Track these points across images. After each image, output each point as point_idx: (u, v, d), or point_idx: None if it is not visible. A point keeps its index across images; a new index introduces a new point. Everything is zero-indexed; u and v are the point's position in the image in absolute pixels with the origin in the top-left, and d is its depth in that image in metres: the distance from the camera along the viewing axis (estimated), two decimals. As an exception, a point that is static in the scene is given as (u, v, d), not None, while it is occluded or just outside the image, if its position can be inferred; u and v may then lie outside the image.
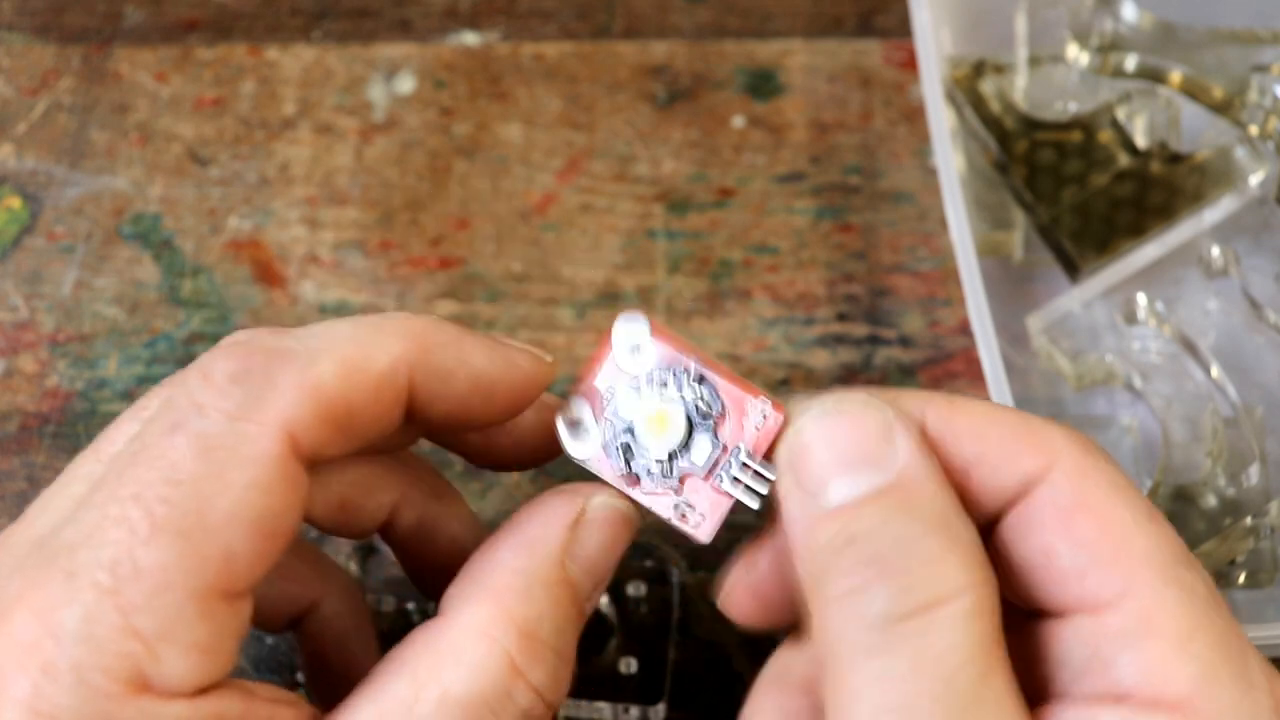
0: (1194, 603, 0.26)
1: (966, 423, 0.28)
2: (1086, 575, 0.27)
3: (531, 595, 0.28)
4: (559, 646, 0.28)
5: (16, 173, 0.49)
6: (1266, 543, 0.39)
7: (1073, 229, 0.44)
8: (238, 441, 0.26)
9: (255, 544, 0.26)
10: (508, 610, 0.28)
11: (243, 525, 0.25)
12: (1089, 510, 0.27)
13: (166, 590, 0.25)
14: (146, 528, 0.25)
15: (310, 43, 0.52)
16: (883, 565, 0.25)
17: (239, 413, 0.26)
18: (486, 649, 0.27)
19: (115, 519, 0.25)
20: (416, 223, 0.48)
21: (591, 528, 0.30)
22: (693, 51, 0.51)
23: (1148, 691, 0.26)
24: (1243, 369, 0.43)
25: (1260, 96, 0.44)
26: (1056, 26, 0.47)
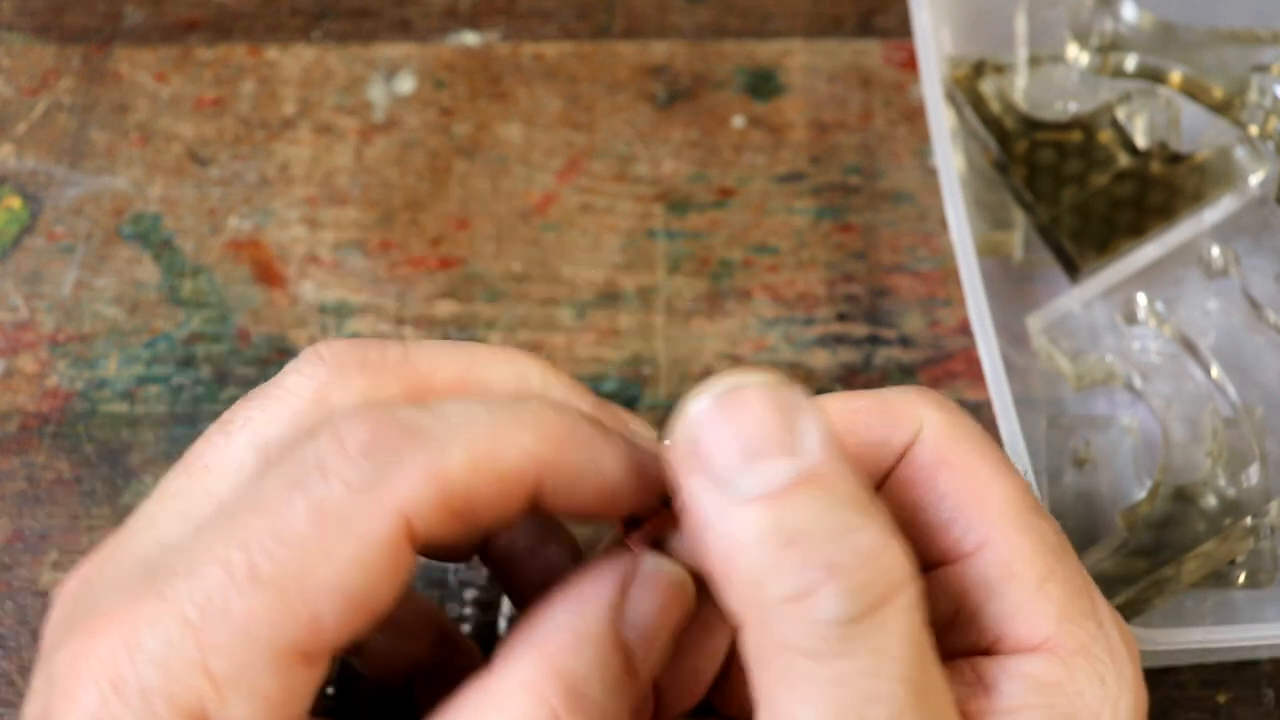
0: (1045, 549, 0.28)
1: (836, 420, 0.29)
2: (950, 526, 0.28)
3: (579, 652, 0.27)
4: (608, 708, 0.27)
5: (16, 173, 0.49)
6: (1266, 543, 0.39)
7: (1073, 229, 0.44)
8: (354, 515, 0.25)
9: (346, 615, 0.26)
10: (554, 665, 0.27)
11: (338, 596, 0.25)
12: (950, 465, 0.29)
13: (248, 639, 0.25)
14: (245, 576, 0.25)
15: (310, 43, 0.52)
16: (831, 565, 0.24)
17: (362, 486, 0.26)
18: (531, 703, 0.26)
19: (219, 560, 0.25)
20: (416, 223, 0.48)
21: (643, 589, 0.28)
22: (693, 51, 0.51)
23: (1013, 636, 0.28)
24: (1243, 369, 0.43)
25: (1260, 96, 0.44)
26: (1056, 26, 0.47)
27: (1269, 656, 0.40)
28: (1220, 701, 0.40)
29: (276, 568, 0.25)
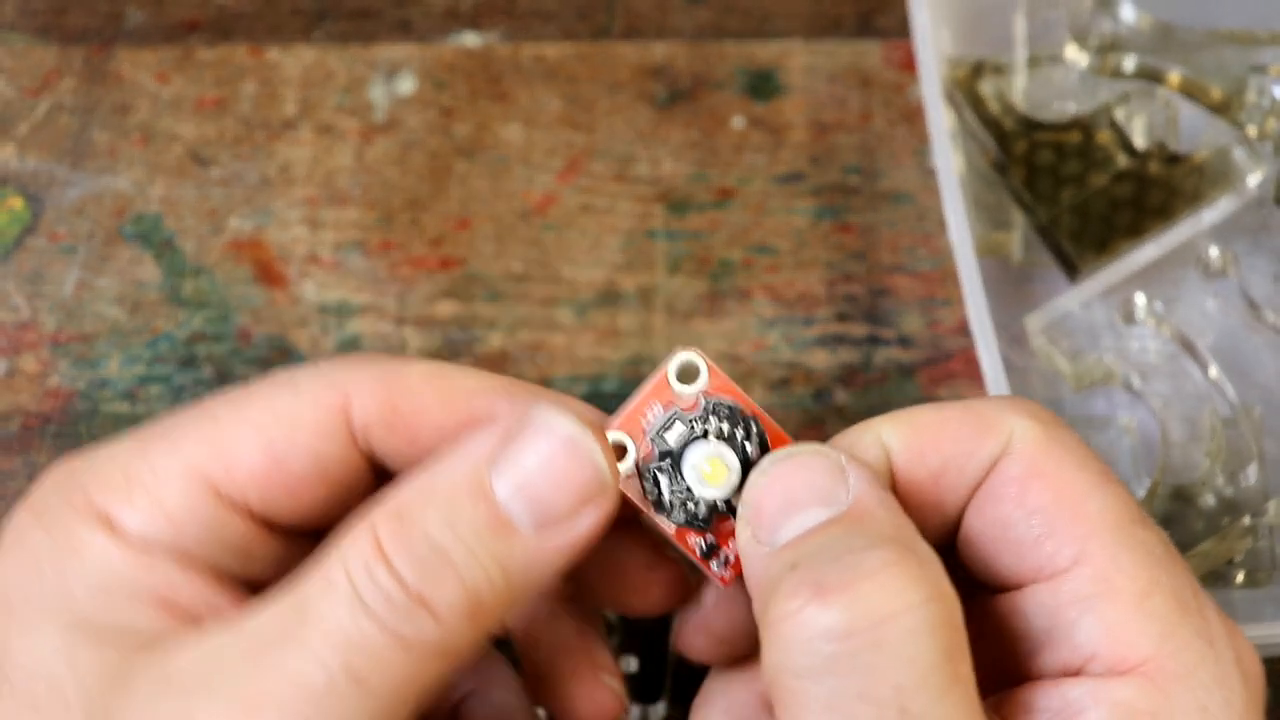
0: (1150, 561, 0.26)
1: (923, 433, 0.28)
2: (1043, 542, 0.27)
3: (422, 491, 0.27)
4: (450, 548, 0.26)
5: (18, 173, 0.49)
6: (1265, 542, 0.39)
7: (1072, 229, 0.44)
8: (302, 379, 0.29)
9: (262, 464, 0.28)
10: (393, 499, 0.27)
11: (261, 441, 0.28)
12: (1042, 478, 0.27)
13: (171, 450, 0.28)
14: (195, 408, 0.29)
15: (311, 43, 0.52)
16: (822, 584, 0.24)
17: (320, 366, 0.30)
18: (359, 531, 0.26)
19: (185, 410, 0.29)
20: (417, 223, 0.48)
21: (523, 438, 0.27)
22: (693, 52, 0.51)
23: (1108, 656, 0.26)
24: (1241, 369, 0.43)
25: (1258, 97, 0.44)
26: (1056, 27, 0.47)
27: (1268, 656, 0.40)
28: (1218, 700, 0.40)
29: (222, 401, 0.29)
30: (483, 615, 0.27)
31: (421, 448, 0.29)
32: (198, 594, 0.28)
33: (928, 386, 0.44)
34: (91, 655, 0.26)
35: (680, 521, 0.29)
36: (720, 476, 0.29)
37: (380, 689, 0.25)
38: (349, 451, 0.29)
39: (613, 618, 0.40)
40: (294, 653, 0.25)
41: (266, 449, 0.28)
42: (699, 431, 0.29)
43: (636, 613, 0.32)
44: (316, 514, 0.29)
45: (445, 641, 0.26)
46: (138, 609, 0.27)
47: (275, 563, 0.30)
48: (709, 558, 0.30)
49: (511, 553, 0.27)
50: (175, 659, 0.26)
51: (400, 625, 0.26)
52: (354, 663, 0.25)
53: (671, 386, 0.29)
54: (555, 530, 0.27)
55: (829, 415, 0.44)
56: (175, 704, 0.25)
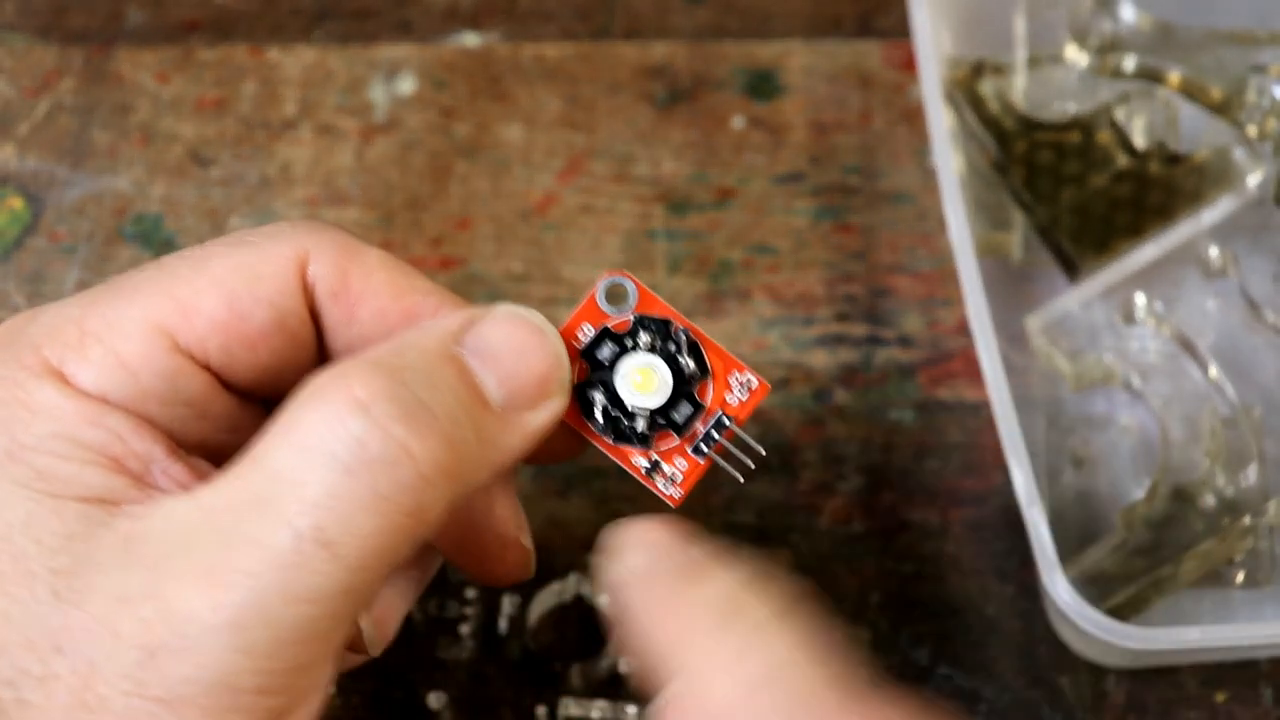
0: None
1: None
2: None
3: (399, 352, 0.27)
4: (433, 403, 0.26)
5: (18, 173, 0.49)
6: (1265, 542, 0.39)
7: (1071, 229, 0.44)
8: (260, 238, 0.29)
9: (219, 316, 0.28)
10: (368, 357, 0.27)
11: (219, 291, 0.28)
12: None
13: (124, 302, 0.28)
14: (152, 264, 0.29)
15: (311, 43, 0.52)
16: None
17: (278, 225, 0.30)
18: (336, 385, 0.26)
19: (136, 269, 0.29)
20: (417, 223, 0.48)
21: (490, 323, 0.28)
22: (693, 52, 0.51)
23: None
24: (1241, 369, 0.43)
25: (1258, 97, 0.44)
26: (1055, 27, 0.47)
27: (1267, 656, 0.40)
28: (1219, 701, 0.40)
29: (178, 258, 0.29)
30: (458, 479, 0.26)
31: (358, 328, 0.29)
32: (150, 454, 0.27)
33: (928, 386, 0.44)
34: (50, 518, 0.26)
35: (619, 438, 0.30)
36: (651, 384, 0.29)
37: (350, 556, 0.25)
38: (304, 308, 0.29)
39: (613, 618, 0.40)
40: (261, 519, 0.25)
41: (227, 301, 0.28)
42: (629, 346, 0.30)
43: (480, 580, 0.33)
44: (272, 374, 0.29)
45: (421, 499, 0.26)
46: (90, 466, 0.27)
47: (230, 426, 0.29)
48: (653, 475, 0.30)
49: (485, 423, 0.27)
50: (137, 526, 0.26)
51: (377, 480, 0.25)
52: (324, 525, 0.25)
53: (600, 308, 0.30)
54: (520, 414, 0.28)
55: (829, 415, 0.44)
56: (141, 576, 0.25)
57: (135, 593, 0.25)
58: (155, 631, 0.25)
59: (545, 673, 0.39)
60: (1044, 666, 0.40)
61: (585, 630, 0.41)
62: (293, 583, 0.25)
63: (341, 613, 0.25)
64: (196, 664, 0.24)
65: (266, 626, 0.25)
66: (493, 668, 0.40)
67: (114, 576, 0.25)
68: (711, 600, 0.27)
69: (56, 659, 0.25)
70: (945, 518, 0.42)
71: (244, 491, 0.25)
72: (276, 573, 0.25)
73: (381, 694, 0.39)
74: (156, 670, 0.24)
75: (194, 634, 0.24)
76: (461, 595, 0.41)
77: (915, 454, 0.43)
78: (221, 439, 0.29)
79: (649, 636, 0.27)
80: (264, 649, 0.25)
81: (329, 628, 0.25)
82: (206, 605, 0.24)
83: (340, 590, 0.25)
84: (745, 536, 0.42)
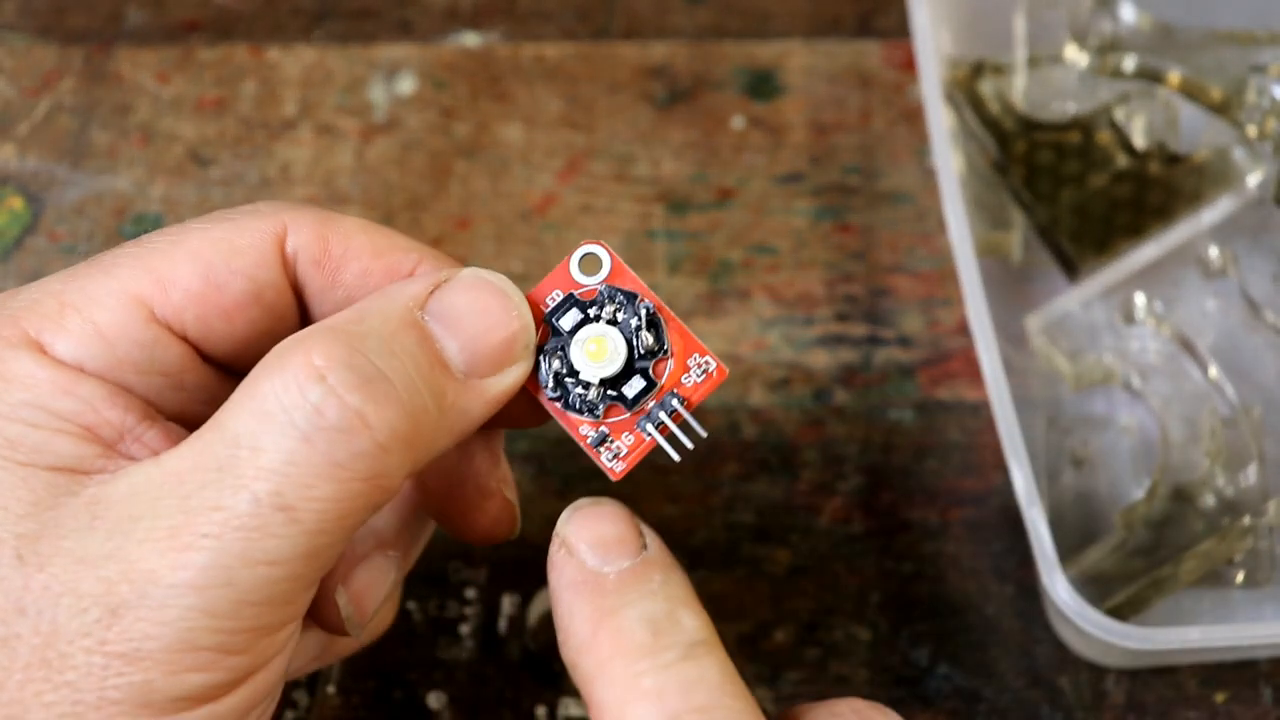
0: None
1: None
2: None
3: (357, 319, 0.27)
4: (391, 372, 0.26)
5: (18, 173, 0.49)
6: (1265, 542, 0.39)
7: (1071, 229, 0.44)
8: (241, 216, 0.30)
9: (196, 288, 0.29)
10: (327, 324, 0.27)
11: (197, 263, 0.29)
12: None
13: (104, 275, 0.28)
14: (132, 243, 0.29)
15: (311, 43, 0.52)
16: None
17: (259, 206, 0.31)
18: (295, 353, 0.26)
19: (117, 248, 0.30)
20: (417, 223, 0.48)
21: (455, 288, 0.28)
22: (693, 52, 0.51)
23: None
24: (1241, 369, 0.43)
25: (1258, 97, 0.44)
26: (1055, 27, 0.47)
27: (1267, 656, 0.40)
28: (1219, 701, 0.40)
29: (159, 234, 0.29)
30: (417, 446, 0.27)
31: (343, 291, 0.30)
32: (124, 423, 0.27)
33: (927, 386, 0.45)
34: (17, 485, 0.26)
35: (569, 406, 0.30)
36: (602, 355, 0.29)
37: (309, 520, 0.25)
38: (282, 280, 0.30)
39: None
40: (221, 484, 0.25)
41: (204, 273, 0.29)
42: (592, 315, 0.30)
43: (466, 538, 0.33)
44: (249, 345, 0.30)
45: (377, 466, 0.26)
46: (61, 435, 0.27)
47: (208, 398, 0.30)
48: (599, 448, 0.30)
49: (445, 389, 0.27)
50: (103, 492, 0.26)
51: (334, 447, 0.25)
52: (283, 490, 0.25)
53: (572, 275, 0.30)
54: (483, 380, 0.28)
55: (829, 415, 0.44)
56: (104, 538, 0.25)
57: (97, 554, 0.25)
58: (117, 591, 0.25)
59: (545, 673, 0.39)
60: (1044, 666, 0.40)
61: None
62: (252, 546, 0.25)
63: (302, 574, 0.26)
64: (158, 621, 0.25)
65: (227, 587, 0.25)
66: (493, 668, 0.40)
67: (77, 539, 0.26)
68: (637, 623, 0.27)
69: (18, 619, 0.25)
70: (945, 518, 0.42)
71: (204, 455, 0.26)
72: (236, 535, 0.25)
73: (381, 694, 0.39)
74: (118, 627, 0.25)
75: (156, 594, 0.25)
76: (461, 595, 0.41)
77: (915, 454, 0.43)
78: (199, 409, 0.29)
79: (578, 653, 0.27)
80: (225, 609, 0.25)
81: (290, 590, 0.26)
82: (168, 565, 0.25)
83: (300, 554, 0.26)
84: (745, 536, 0.42)
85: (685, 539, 0.42)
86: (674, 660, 0.26)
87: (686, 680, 0.26)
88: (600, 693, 0.27)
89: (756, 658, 0.40)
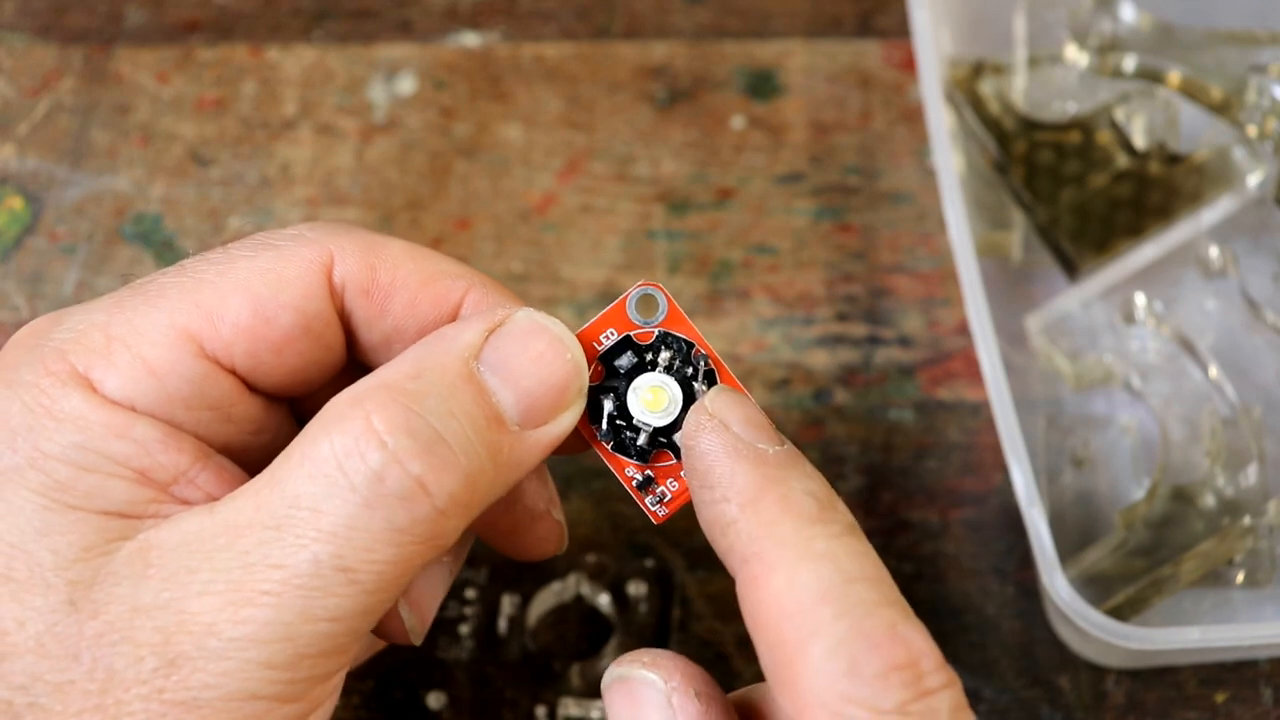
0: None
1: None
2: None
3: (418, 374, 0.27)
4: (450, 435, 0.26)
5: (18, 173, 0.49)
6: (1265, 542, 0.39)
7: (1071, 229, 0.44)
8: (286, 240, 0.29)
9: (245, 321, 0.28)
10: (382, 380, 0.27)
11: (245, 295, 0.28)
12: None
13: (150, 307, 0.28)
14: (175, 269, 0.29)
15: (311, 43, 0.52)
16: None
17: (303, 232, 0.30)
18: (352, 413, 0.26)
19: (165, 269, 0.29)
20: (417, 223, 0.48)
21: (509, 335, 0.28)
22: (693, 52, 0.51)
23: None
24: (1241, 369, 0.43)
25: (1258, 97, 0.44)
26: (1055, 27, 0.47)
27: (1267, 656, 0.40)
28: (1219, 701, 0.40)
29: (202, 262, 0.29)
30: (473, 505, 0.27)
31: (392, 320, 0.30)
32: (177, 466, 0.27)
33: (927, 386, 0.44)
34: (69, 530, 0.26)
35: (619, 447, 0.30)
36: (659, 404, 0.29)
37: (368, 581, 0.26)
38: (330, 311, 0.29)
39: (613, 618, 0.40)
40: (282, 543, 0.25)
41: (253, 306, 0.28)
42: (648, 360, 0.30)
43: (514, 555, 0.33)
44: (297, 376, 0.29)
45: (435, 529, 0.26)
46: (114, 479, 0.27)
47: (255, 428, 0.30)
48: (644, 490, 0.30)
49: (502, 445, 0.27)
50: (155, 538, 0.26)
51: (395, 514, 0.26)
52: (343, 553, 0.25)
53: (628, 315, 0.30)
54: (536, 430, 0.28)
55: (829, 415, 0.44)
56: (158, 587, 0.25)
57: (152, 603, 0.25)
58: (175, 642, 0.25)
59: (545, 673, 0.39)
60: (1044, 666, 0.40)
61: (585, 630, 0.41)
62: (313, 604, 0.25)
63: (359, 628, 0.26)
64: (217, 673, 0.25)
65: (287, 641, 0.25)
66: (493, 668, 0.40)
67: (131, 587, 0.26)
68: (804, 495, 0.27)
69: (73, 665, 0.25)
70: (945, 518, 0.42)
71: (261, 511, 0.26)
72: (297, 593, 0.25)
73: (381, 694, 0.39)
74: (176, 677, 0.25)
75: (215, 646, 0.25)
76: (461, 595, 0.41)
77: (915, 454, 0.43)
78: (245, 440, 0.29)
79: (741, 510, 0.27)
80: (283, 662, 0.25)
81: (346, 642, 0.26)
82: (227, 620, 0.25)
83: (358, 610, 0.26)
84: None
85: (686, 539, 0.42)
86: (840, 532, 0.26)
87: (854, 551, 0.26)
88: (767, 549, 0.26)
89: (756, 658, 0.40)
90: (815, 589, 0.25)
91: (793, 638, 0.25)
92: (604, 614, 0.40)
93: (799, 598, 0.25)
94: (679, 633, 0.40)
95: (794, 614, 0.25)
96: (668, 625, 0.40)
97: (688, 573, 0.41)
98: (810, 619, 0.25)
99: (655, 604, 0.40)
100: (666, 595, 0.40)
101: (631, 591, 0.40)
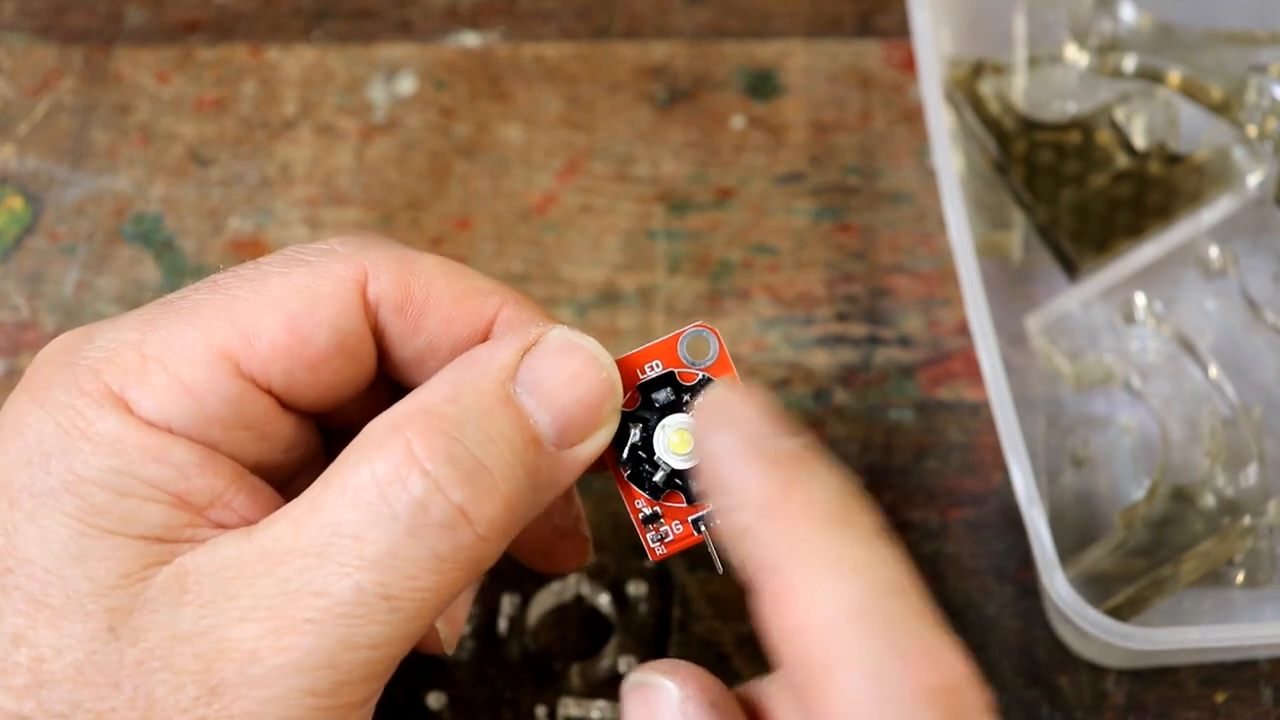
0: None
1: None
2: None
3: (455, 399, 0.27)
4: (492, 461, 0.26)
5: (18, 173, 0.49)
6: (1265, 542, 0.39)
7: (1071, 229, 0.44)
8: (320, 256, 0.29)
9: (281, 339, 0.28)
10: (421, 404, 0.27)
11: (280, 313, 0.28)
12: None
13: (184, 325, 0.28)
14: (207, 284, 0.29)
15: (311, 43, 0.52)
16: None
17: (337, 247, 0.29)
18: (392, 440, 0.26)
19: (193, 286, 0.29)
20: (417, 223, 0.48)
21: (544, 354, 0.28)
22: (693, 52, 0.51)
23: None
24: (1241, 369, 0.43)
25: (1258, 97, 0.44)
26: (1055, 27, 0.47)
27: (1267, 656, 0.40)
28: (1218, 701, 0.40)
29: (235, 278, 0.28)
30: (511, 529, 0.27)
31: (425, 337, 0.29)
32: (214, 489, 0.27)
33: (927, 386, 0.44)
34: (106, 556, 0.26)
35: (635, 478, 0.30)
36: (684, 448, 0.29)
37: (410, 608, 0.26)
38: (365, 328, 0.29)
39: (613, 618, 0.40)
40: (324, 570, 0.25)
41: (289, 324, 0.28)
42: (684, 401, 0.30)
43: (539, 568, 0.33)
44: (330, 394, 0.29)
45: (477, 555, 0.26)
46: (150, 504, 0.26)
47: (285, 446, 0.29)
48: (648, 525, 0.30)
49: (539, 467, 0.27)
50: (192, 563, 0.26)
51: (438, 542, 0.26)
52: (386, 581, 0.25)
53: (678, 353, 0.30)
54: (571, 449, 0.28)
55: (829, 416, 0.44)
56: (197, 613, 0.25)
57: (191, 630, 0.25)
58: (216, 669, 0.25)
59: (545, 673, 0.39)
60: (1044, 666, 0.40)
61: (585, 630, 0.41)
62: (355, 632, 0.25)
63: (399, 653, 0.26)
64: (261, 700, 0.25)
65: (329, 669, 0.25)
66: (493, 668, 0.40)
67: (169, 614, 0.26)
68: (827, 497, 0.26)
69: (114, 693, 0.25)
70: (945, 518, 0.42)
71: (301, 538, 0.26)
72: (340, 621, 0.25)
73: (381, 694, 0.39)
74: (218, 705, 0.25)
75: (258, 674, 0.25)
76: (461, 595, 0.41)
77: (915, 454, 0.43)
78: (277, 458, 0.29)
79: (759, 516, 0.26)
80: (326, 689, 0.25)
81: (386, 667, 0.26)
82: (269, 647, 0.25)
83: (400, 636, 0.26)
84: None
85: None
86: (867, 539, 0.25)
87: (883, 559, 0.25)
88: (789, 560, 0.25)
89: (757, 658, 0.40)
90: (843, 605, 0.24)
91: (820, 658, 0.24)
92: (604, 614, 0.40)
93: (826, 614, 0.24)
94: (679, 633, 0.40)
95: (821, 632, 0.24)
96: (668, 625, 0.40)
97: (688, 573, 0.41)
98: (839, 637, 0.24)
99: (655, 604, 0.40)
100: (666, 595, 0.40)
101: (631, 591, 0.40)
